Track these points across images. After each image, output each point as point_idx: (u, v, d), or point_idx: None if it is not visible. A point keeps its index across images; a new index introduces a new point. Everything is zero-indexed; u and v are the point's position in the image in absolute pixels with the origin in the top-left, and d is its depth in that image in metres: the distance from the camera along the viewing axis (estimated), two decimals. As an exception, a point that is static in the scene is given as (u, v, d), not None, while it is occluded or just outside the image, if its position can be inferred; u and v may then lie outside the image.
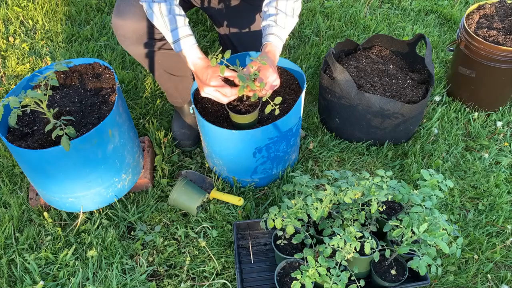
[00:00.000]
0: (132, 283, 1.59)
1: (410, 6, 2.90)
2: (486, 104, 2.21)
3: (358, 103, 1.88)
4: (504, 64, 1.98)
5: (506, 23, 2.08)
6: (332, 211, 1.56)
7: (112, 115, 1.55)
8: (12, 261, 1.66)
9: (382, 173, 1.48)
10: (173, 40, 1.52)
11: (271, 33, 1.58)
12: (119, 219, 1.78)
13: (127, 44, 1.70)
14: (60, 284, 1.60)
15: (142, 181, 1.84)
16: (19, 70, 2.39)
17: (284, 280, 1.49)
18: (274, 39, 1.58)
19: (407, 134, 2.06)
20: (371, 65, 2.08)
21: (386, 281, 1.49)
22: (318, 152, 2.04)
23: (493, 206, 1.86)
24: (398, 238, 1.45)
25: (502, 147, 2.10)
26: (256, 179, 1.85)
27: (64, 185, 1.61)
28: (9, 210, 1.79)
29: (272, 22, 1.59)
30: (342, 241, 1.37)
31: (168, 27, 1.51)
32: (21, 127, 1.60)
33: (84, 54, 2.47)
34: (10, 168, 1.94)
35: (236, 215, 1.80)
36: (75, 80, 1.73)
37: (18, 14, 2.71)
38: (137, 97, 2.26)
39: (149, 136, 2.05)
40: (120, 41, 1.70)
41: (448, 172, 1.98)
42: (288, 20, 1.60)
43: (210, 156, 1.84)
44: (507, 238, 1.76)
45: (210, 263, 1.66)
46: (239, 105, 1.62)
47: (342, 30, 2.67)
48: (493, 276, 1.67)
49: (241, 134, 1.61)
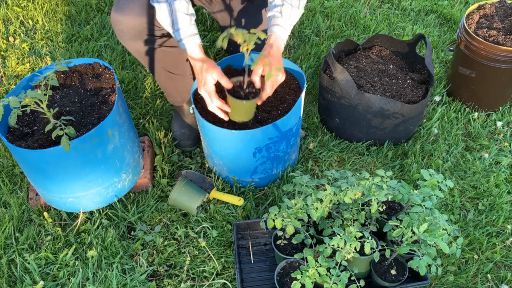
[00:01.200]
0: (132, 283, 1.59)
1: (410, 6, 2.90)
2: (486, 104, 2.21)
3: (358, 103, 1.88)
4: (504, 64, 1.98)
5: (506, 23, 2.08)
6: (332, 211, 1.57)
7: (112, 115, 1.55)
8: (12, 261, 1.66)
9: (382, 173, 1.48)
10: (178, 38, 1.54)
11: (276, 24, 1.59)
12: (119, 219, 1.78)
13: (125, 39, 1.70)
14: (60, 284, 1.60)
15: (142, 181, 1.84)
16: (19, 70, 2.39)
17: (284, 280, 1.49)
18: (278, 30, 1.58)
19: (407, 134, 2.06)
20: (371, 65, 2.08)
21: (386, 281, 1.49)
22: (318, 152, 2.04)
23: (493, 206, 1.86)
24: (398, 238, 1.45)
25: (502, 147, 2.10)
26: (256, 179, 1.85)
27: (64, 185, 1.61)
28: (9, 210, 1.79)
29: (277, 13, 1.59)
30: (342, 241, 1.37)
31: (174, 26, 1.52)
32: (21, 127, 1.60)
33: (84, 54, 2.47)
34: (10, 168, 1.94)
35: (236, 215, 1.80)
36: (75, 80, 1.73)
37: (18, 14, 2.71)
38: (137, 97, 2.26)
39: (149, 136, 2.05)
40: (118, 36, 1.71)
41: (448, 172, 1.98)
42: (294, 11, 1.60)
43: (210, 156, 1.84)
44: (507, 238, 1.76)
45: (210, 263, 1.66)
46: (239, 91, 1.58)
47: (342, 30, 2.67)
48: (493, 276, 1.67)
49: (241, 134, 1.61)
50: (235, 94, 1.55)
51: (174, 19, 1.53)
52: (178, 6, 1.51)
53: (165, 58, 1.79)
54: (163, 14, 1.53)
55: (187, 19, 1.52)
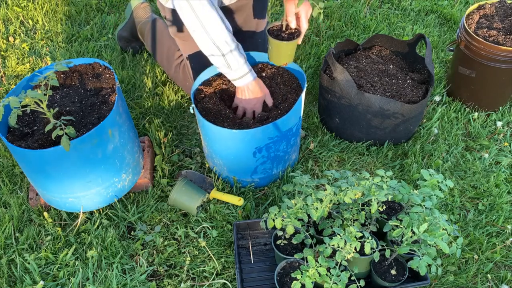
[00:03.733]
0: (132, 283, 1.59)
1: (410, 6, 2.90)
2: (486, 104, 2.21)
3: (358, 103, 1.88)
4: (504, 64, 1.98)
5: (506, 23, 2.08)
6: (332, 211, 1.57)
7: (112, 115, 1.55)
8: (12, 261, 1.66)
9: (382, 173, 1.48)
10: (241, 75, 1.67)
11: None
12: (119, 219, 1.78)
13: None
14: (60, 284, 1.60)
15: (142, 181, 1.84)
16: (19, 70, 2.39)
17: (284, 280, 1.49)
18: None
19: (407, 134, 2.06)
20: (371, 65, 2.08)
21: (386, 281, 1.49)
22: (318, 152, 2.04)
23: (493, 206, 1.86)
24: (398, 238, 1.45)
25: (502, 147, 2.10)
26: (256, 179, 1.85)
27: (64, 185, 1.61)
28: (9, 210, 1.79)
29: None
30: (342, 241, 1.37)
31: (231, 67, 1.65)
32: (21, 127, 1.60)
33: (84, 54, 2.47)
34: (10, 168, 1.94)
35: (236, 215, 1.80)
36: (75, 80, 1.73)
37: (18, 14, 2.71)
38: (137, 97, 2.26)
39: (149, 136, 2.05)
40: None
41: (448, 172, 1.98)
42: None
43: (211, 156, 1.84)
44: (507, 238, 1.76)
45: (210, 263, 1.66)
46: (280, 34, 1.63)
47: (342, 30, 2.67)
48: (493, 276, 1.67)
49: (241, 134, 1.61)
50: (277, 37, 1.60)
51: (229, 64, 1.62)
52: (234, 55, 1.61)
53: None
54: (219, 64, 1.63)
55: (242, 60, 1.63)
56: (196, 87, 1.80)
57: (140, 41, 2.45)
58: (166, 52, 2.17)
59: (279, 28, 1.63)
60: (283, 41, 1.59)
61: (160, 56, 2.21)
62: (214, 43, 1.55)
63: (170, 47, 2.14)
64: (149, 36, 2.25)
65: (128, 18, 2.38)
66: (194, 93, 1.78)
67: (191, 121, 2.17)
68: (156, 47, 2.23)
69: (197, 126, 2.14)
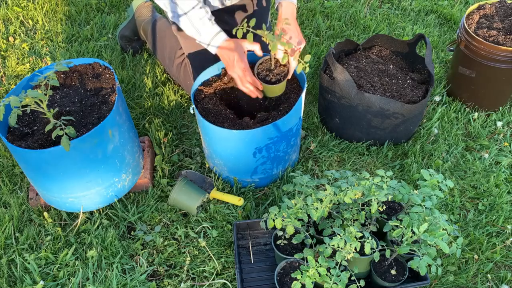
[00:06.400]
0: (132, 283, 1.59)
1: (410, 6, 2.90)
2: (486, 104, 2.21)
3: (358, 103, 1.88)
4: (504, 64, 1.98)
5: (506, 23, 2.08)
6: (332, 211, 1.56)
7: (112, 115, 1.55)
8: (12, 261, 1.66)
9: (382, 173, 1.48)
10: (206, 43, 1.65)
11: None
12: (119, 219, 1.78)
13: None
14: (60, 284, 1.60)
15: (142, 181, 1.84)
16: (19, 70, 2.39)
17: (284, 280, 1.49)
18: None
19: (407, 134, 2.06)
20: (371, 65, 2.08)
21: (386, 281, 1.49)
22: (318, 152, 2.04)
23: (493, 206, 1.86)
24: (398, 238, 1.45)
25: (502, 147, 2.10)
26: (256, 179, 1.85)
27: (64, 185, 1.61)
28: (9, 210, 1.79)
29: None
30: (342, 241, 1.37)
31: (200, 33, 1.64)
32: (21, 127, 1.60)
33: (84, 54, 2.47)
34: (10, 168, 1.94)
35: (236, 215, 1.80)
36: (75, 80, 1.73)
37: (18, 14, 2.71)
38: (137, 97, 2.26)
39: (149, 136, 2.05)
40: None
41: (448, 172, 1.98)
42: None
43: (211, 157, 1.84)
44: (507, 238, 1.76)
45: (210, 263, 1.66)
46: (268, 75, 1.67)
47: (342, 30, 2.67)
48: (493, 276, 1.67)
49: (241, 134, 1.61)
50: (265, 80, 1.65)
51: (197, 28, 1.63)
52: (195, 15, 1.60)
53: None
54: (186, 27, 1.64)
55: (208, 24, 1.61)
56: (196, 88, 1.80)
57: (141, 41, 2.45)
58: (168, 50, 2.17)
59: (268, 68, 1.68)
60: (273, 84, 1.65)
61: (162, 54, 2.21)
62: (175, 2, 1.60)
63: (172, 46, 2.14)
64: (151, 34, 2.25)
65: (131, 17, 2.39)
66: (194, 93, 1.78)
67: (191, 121, 2.17)
68: (158, 46, 2.23)
69: (197, 126, 2.14)
